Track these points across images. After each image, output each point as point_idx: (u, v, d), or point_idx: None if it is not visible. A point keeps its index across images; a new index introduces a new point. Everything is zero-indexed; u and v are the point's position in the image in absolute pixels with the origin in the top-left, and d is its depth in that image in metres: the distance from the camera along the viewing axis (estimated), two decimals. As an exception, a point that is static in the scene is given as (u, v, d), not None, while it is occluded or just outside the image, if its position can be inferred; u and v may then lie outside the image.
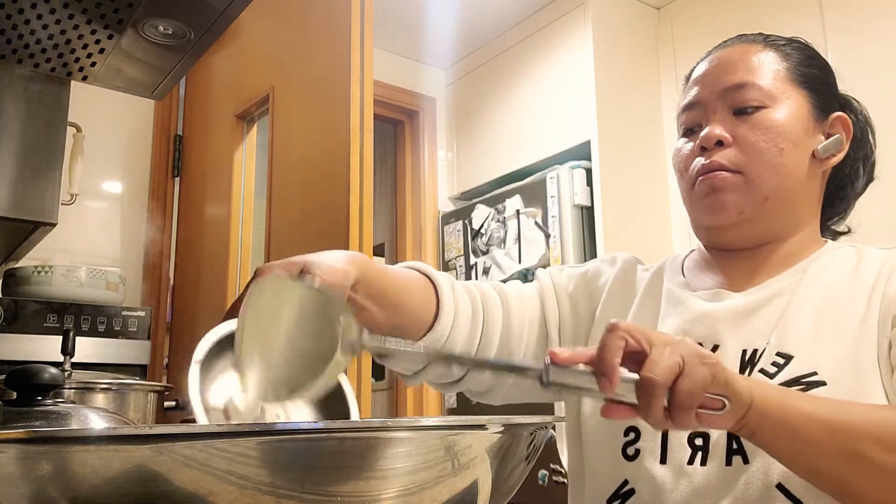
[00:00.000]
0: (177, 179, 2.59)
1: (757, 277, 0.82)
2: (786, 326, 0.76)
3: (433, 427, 0.45)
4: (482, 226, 3.04)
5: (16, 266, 1.90)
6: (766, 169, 0.79)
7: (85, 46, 1.33)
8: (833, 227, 0.92)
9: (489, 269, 2.97)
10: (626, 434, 0.78)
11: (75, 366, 1.30)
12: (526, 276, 2.80)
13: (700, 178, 0.81)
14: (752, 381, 0.60)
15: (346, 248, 1.69)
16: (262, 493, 0.39)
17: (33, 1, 1.19)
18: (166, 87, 1.49)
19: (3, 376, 0.77)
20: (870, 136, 0.92)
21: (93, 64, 1.39)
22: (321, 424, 0.41)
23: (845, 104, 0.90)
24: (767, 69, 0.83)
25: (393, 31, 3.13)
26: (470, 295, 0.91)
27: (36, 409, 0.74)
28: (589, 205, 2.70)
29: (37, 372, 0.75)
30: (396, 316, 0.78)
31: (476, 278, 3.03)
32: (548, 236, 2.72)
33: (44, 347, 1.78)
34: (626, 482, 0.77)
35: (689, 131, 0.85)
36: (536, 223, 2.78)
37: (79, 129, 2.04)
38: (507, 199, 2.94)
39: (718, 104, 0.82)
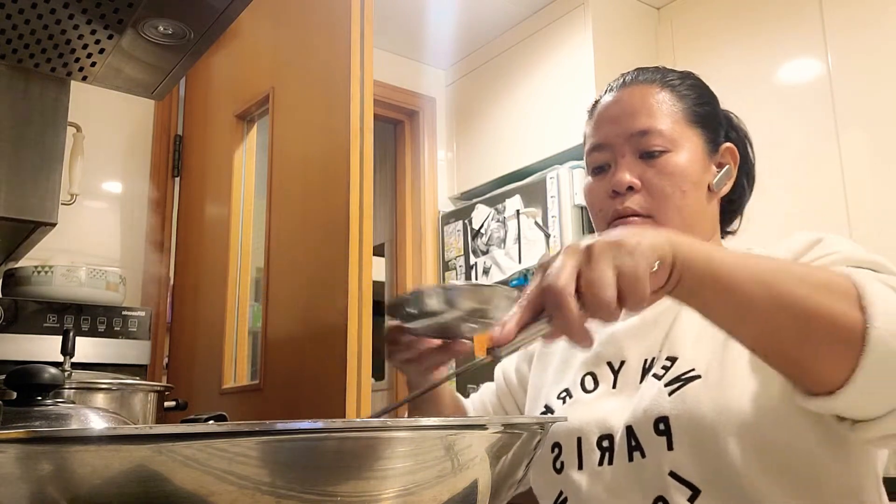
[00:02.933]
0: (177, 179, 2.59)
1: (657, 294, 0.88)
2: (675, 334, 0.84)
3: (433, 427, 0.45)
4: (482, 226, 3.04)
5: (16, 266, 1.90)
6: (672, 211, 0.87)
7: (85, 46, 1.32)
8: (727, 231, 1.01)
9: (489, 269, 2.97)
10: (552, 451, 0.88)
11: (75, 366, 1.30)
12: (526, 275, 2.80)
13: (615, 221, 0.88)
14: (675, 236, 0.63)
15: (346, 247, 1.69)
16: (262, 493, 0.39)
17: (33, 1, 1.19)
18: (166, 87, 1.49)
19: (3, 376, 0.77)
20: (749, 151, 0.99)
21: (93, 64, 1.39)
22: (321, 424, 0.40)
23: (728, 125, 0.98)
24: (666, 112, 0.89)
25: (393, 31, 3.13)
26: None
27: (36, 409, 0.74)
28: (589, 205, 2.69)
29: (37, 372, 0.75)
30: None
31: (476, 278, 3.03)
32: (548, 236, 2.72)
33: (44, 347, 1.78)
34: (560, 493, 0.86)
35: (598, 169, 0.92)
36: (536, 223, 2.78)
37: (79, 129, 2.04)
38: (507, 199, 2.94)
39: (625, 147, 0.89)
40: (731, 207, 0.98)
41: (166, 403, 1.60)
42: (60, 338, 1.24)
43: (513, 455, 0.50)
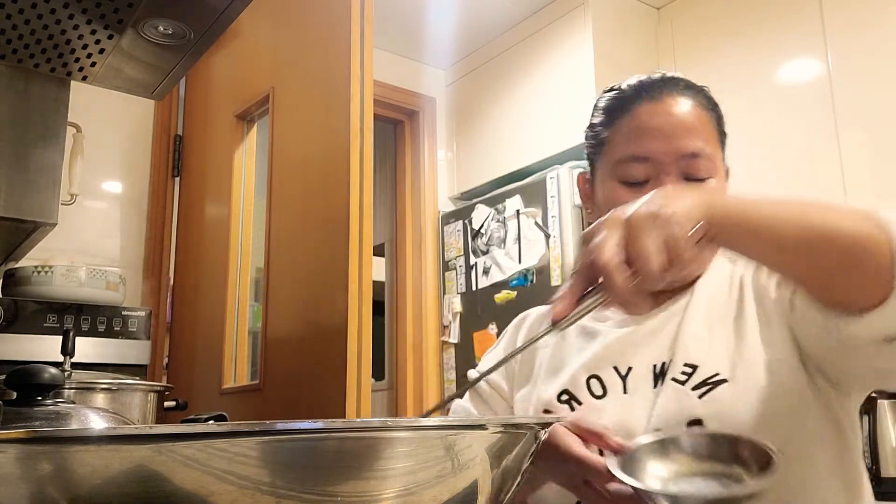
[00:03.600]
0: (177, 179, 2.59)
1: (656, 300, 0.89)
2: (684, 339, 0.84)
3: (433, 427, 0.45)
4: (482, 226, 3.04)
5: (16, 266, 1.90)
6: None
7: (85, 46, 1.32)
8: None
9: (489, 269, 2.97)
10: None
11: (75, 366, 1.30)
12: (526, 275, 2.80)
13: None
14: (707, 196, 0.66)
15: (346, 247, 1.69)
16: (262, 493, 0.39)
17: (33, 1, 1.19)
18: (166, 87, 1.49)
19: (3, 376, 0.77)
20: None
21: (93, 64, 1.39)
22: (321, 424, 0.40)
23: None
24: (710, 135, 0.87)
25: (393, 31, 3.13)
26: None
27: (36, 409, 0.74)
28: (589, 205, 2.69)
29: (37, 372, 0.75)
30: None
31: (476, 278, 3.03)
32: (548, 236, 2.72)
33: (44, 347, 1.78)
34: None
35: (635, 183, 0.87)
36: (536, 223, 2.78)
37: (79, 129, 2.04)
38: (507, 199, 2.94)
39: (673, 166, 0.85)
40: None
41: (166, 403, 1.60)
42: (60, 338, 1.24)
43: (513, 455, 0.50)
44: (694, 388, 0.80)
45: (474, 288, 3.03)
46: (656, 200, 0.62)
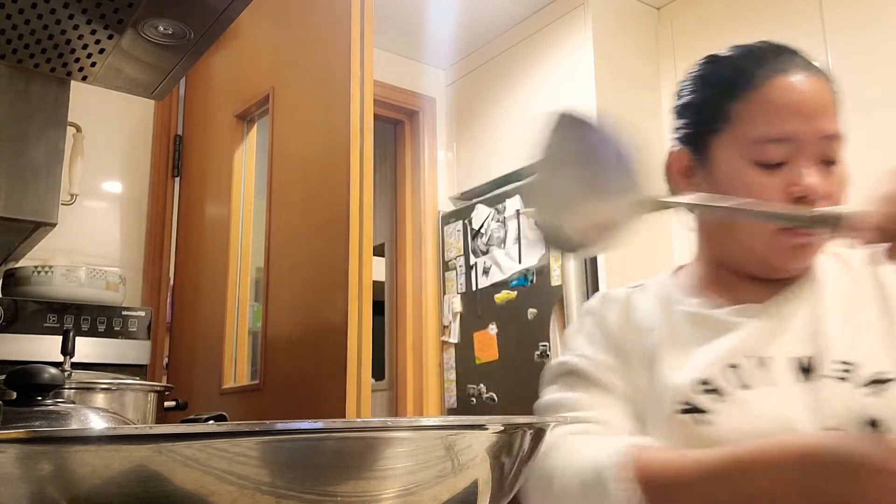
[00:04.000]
0: (177, 179, 2.59)
1: (771, 287, 0.85)
2: (830, 333, 0.79)
3: (433, 427, 0.45)
4: (482, 226, 3.04)
5: (16, 266, 1.90)
6: None
7: (85, 46, 1.33)
8: None
9: (489, 269, 2.97)
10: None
11: (75, 366, 1.30)
12: (526, 275, 2.80)
13: (794, 228, 0.81)
14: None
15: (346, 247, 1.69)
16: (262, 493, 0.39)
17: (33, 1, 1.19)
18: (166, 87, 1.49)
19: (3, 376, 0.77)
20: None
21: (93, 64, 1.39)
22: (321, 424, 0.40)
23: None
24: (839, 115, 0.83)
25: (393, 31, 3.13)
26: None
27: (36, 409, 0.74)
28: (589, 205, 2.69)
29: (37, 372, 0.75)
30: None
31: (476, 278, 3.03)
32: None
33: (44, 347, 1.78)
34: None
35: (772, 165, 0.81)
36: (537, 223, 2.78)
37: (79, 129, 2.04)
38: (507, 199, 2.94)
39: (813, 149, 0.80)
40: None
41: (166, 403, 1.60)
42: (60, 338, 1.24)
43: (513, 455, 0.50)
44: (861, 387, 0.75)
45: (474, 288, 3.03)
46: None
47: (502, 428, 0.48)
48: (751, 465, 0.68)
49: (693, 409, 0.79)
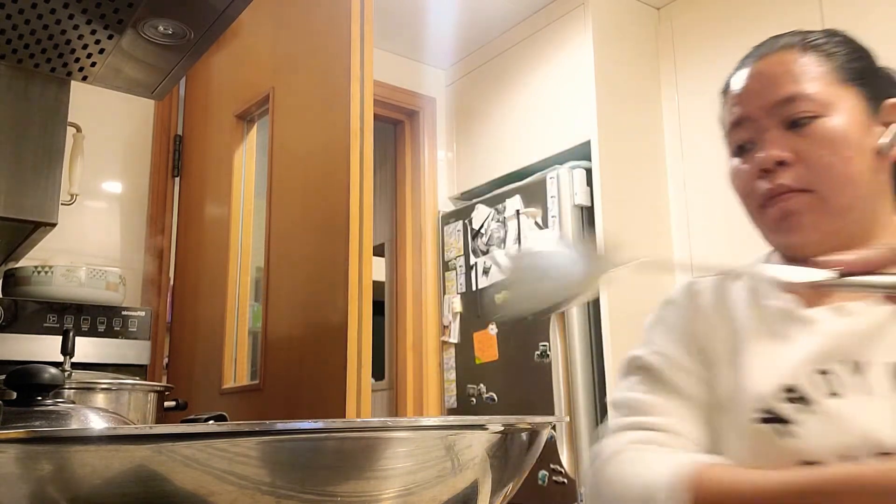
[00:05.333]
0: (177, 179, 2.59)
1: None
2: None
3: (433, 427, 0.45)
4: (482, 226, 3.04)
5: (16, 266, 1.90)
6: (838, 183, 0.77)
7: (85, 46, 1.33)
8: None
9: (489, 269, 2.97)
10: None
11: (75, 366, 1.30)
12: (526, 276, 2.80)
13: (768, 202, 0.79)
14: None
15: (346, 247, 1.69)
16: (262, 493, 0.39)
17: (33, 1, 1.19)
18: (166, 87, 1.49)
19: (3, 376, 0.77)
20: None
21: (93, 64, 1.39)
22: (321, 424, 0.41)
23: (890, 82, 0.86)
24: (813, 74, 0.80)
25: (393, 31, 3.13)
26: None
27: (36, 409, 0.74)
28: (589, 205, 2.70)
29: (37, 372, 0.75)
30: None
31: (476, 278, 3.03)
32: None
33: (44, 347, 1.79)
34: None
35: (740, 149, 0.82)
36: (536, 223, 2.78)
37: (79, 129, 2.04)
38: (507, 199, 2.94)
39: (769, 121, 0.80)
40: None
41: (166, 403, 1.60)
42: (60, 338, 1.24)
43: (513, 455, 0.50)
44: None
45: (474, 288, 3.03)
46: None
47: (502, 428, 0.48)
48: (837, 492, 0.61)
49: (775, 419, 0.72)
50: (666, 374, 0.82)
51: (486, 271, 2.99)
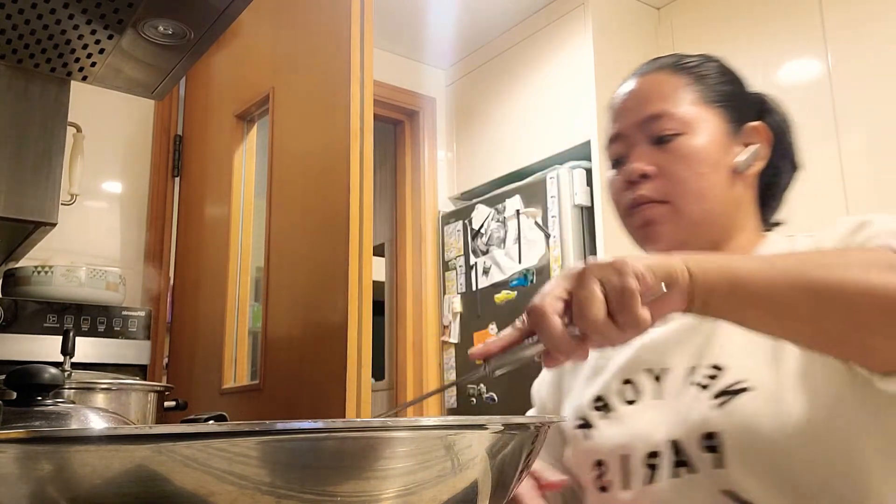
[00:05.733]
0: (177, 179, 2.59)
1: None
2: (718, 340, 0.78)
3: (433, 427, 0.45)
4: (482, 226, 3.04)
5: (16, 266, 1.90)
6: (691, 196, 0.83)
7: (85, 46, 1.33)
8: (769, 221, 0.95)
9: (489, 269, 2.97)
10: (595, 468, 0.83)
11: (75, 366, 1.30)
12: (526, 275, 2.80)
13: (632, 210, 0.85)
14: (689, 257, 0.61)
15: (346, 247, 1.69)
16: (262, 493, 0.39)
17: (33, 1, 1.19)
18: (166, 87, 1.49)
19: (3, 376, 0.77)
20: (788, 133, 0.95)
21: (93, 64, 1.39)
22: (321, 424, 0.41)
23: (761, 107, 0.94)
24: (680, 96, 0.86)
25: (393, 31, 3.13)
26: None
27: (36, 409, 0.74)
28: (589, 205, 2.70)
29: (37, 372, 0.75)
30: None
31: (476, 278, 3.03)
32: (548, 236, 2.72)
33: (44, 347, 1.78)
34: None
35: (616, 162, 0.89)
36: (536, 223, 2.78)
37: (79, 129, 2.04)
38: (507, 199, 2.94)
39: (638, 136, 0.86)
40: (769, 193, 0.92)
41: (166, 403, 1.60)
42: (60, 338, 1.24)
43: (513, 455, 0.50)
44: (715, 396, 0.74)
45: (474, 288, 3.03)
46: (618, 257, 0.59)
47: (502, 428, 0.48)
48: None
49: (585, 425, 0.84)
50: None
51: (486, 271, 2.99)
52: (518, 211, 2.87)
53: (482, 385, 2.92)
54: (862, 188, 2.27)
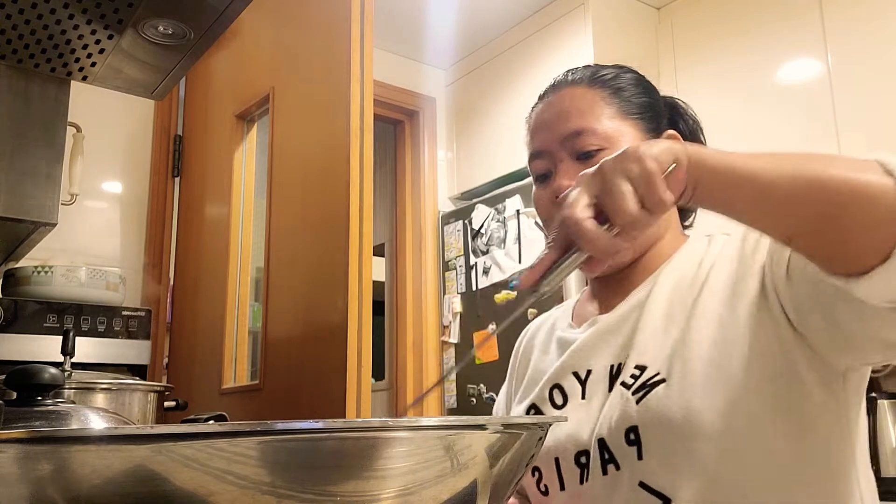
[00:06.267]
0: (177, 179, 2.59)
1: (625, 292, 0.87)
2: (638, 337, 0.81)
3: (433, 427, 0.45)
4: (482, 226, 3.04)
5: (16, 266, 1.90)
6: None
7: (85, 46, 1.33)
8: (686, 222, 0.98)
9: (489, 269, 2.97)
10: (533, 474, 0.85)
11: (75, 366, 1.30)
12: (526, 276, 2.80)
13: None
14: (683, 143, 0.63)
15: (346, 247, 1.69)
16: (262, 493, 0.39)
17: (33, 1, 1.19)
18: (166, 87, 1.49)
19: (3, 376, 0.77)
20: (700, 135, 0.97)
21: (93, 64, 1.39)
22: (321, 424, 0.41)
23: (673, 112, 0.96)
24: (599, 111, 0.88)
25: (393, 31, 3.13)
26: None
27: (36, 409, 0.74)
28: (589, 205, 2.70)
29: (37, 372, 0.75)
30: None
31: (476, 278, 3.03)
32: (548, 236, 2.72)
33: (44, 347, 1.78)
34: None
35: (541, 177, 0.91)
36: (536, 223, 2.78)
37: (79, 129, 2.04)
38: (507, 199, 2.94)
39: (562, 152, 0.88)
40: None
41: (166, 403, 1.60)
42: (60, 338, 1.24)
43: (512, 455, 0.50)
44: (634, 392, 0.77)
45: (474, 288, 3.03)
46: (626, 149, 0.61)
47: (502, 428, 0.48)
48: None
49: None
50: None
51: (486, 271, 2.99)
52: (518, 211, 2.87)
53: (482, 385, 2.92)
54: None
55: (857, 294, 0.61)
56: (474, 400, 2.95)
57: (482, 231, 3.04)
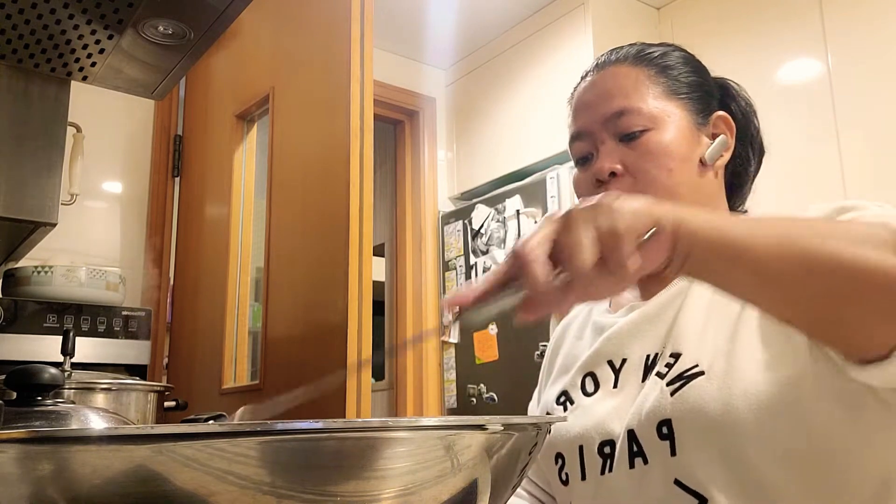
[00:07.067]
0: (177, 179, 2.59)
1: (667, 279, 0.82)
2: (679, 327, 0.77)
3: (433, 427, 0.45)
4: (482, 226, 3.04)
5: (16, 266, 1.90)
6: (661, 193, 0.80)
7: (85, 46, 1.33)
8: (738, 209, 0.93)
9: (489, 269, 2.97)
10: (556, 461, 0.83)
11: (75, 366, 1.30)
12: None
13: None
14: (675, 206, 0.56)
15: (346, 247, 1.69)
16: (262, 493, 0.39)
17: (33, 1, 1.19)
18: (166, 87, 1.49)
19: (3, 376, 0.77)
20: (753, 119, 0.92)
21: (93, 64, 1.39)
22: (321, 424, 0.41)
23: (724, 93, 0.92)
24: (644, 90, 0.84)
25: (393, 31, 3.13)
26: None
27: (36, 409, 0.74)
28: (589, 205, 2.70)
29: (37, 372, 0.75)
30: None
31: (476, 278, 3.03)
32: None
33: (44, 347, 1.79)
34: None
35: (582, 160, 0.87)
36: (536, 223, 2.78)
37: (79, 129, 2.04)
38: (507, 199, 2.94)
39: (604, 133, 0.84)
40: (737, 182, 0.90)
41: (166, 403, 1.60)
42: (60, 338, 1.24)
43: (513, 455, 0.50)
44: (669, 384, 0.73)
45: (474, 288, 3.03)
46: (604, 198, 0.55)
47: (502, 428, 0.48)
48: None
49: None
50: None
51: (486, 271, 2.99)
52: (518, 211, 2.87)
53: (482, 385, 2.92)
54: (862, 188, 2.27)
55: (861, 378, 0.57)
56: (474, 400, 2.95)
57: (482, 231, 3.04)
